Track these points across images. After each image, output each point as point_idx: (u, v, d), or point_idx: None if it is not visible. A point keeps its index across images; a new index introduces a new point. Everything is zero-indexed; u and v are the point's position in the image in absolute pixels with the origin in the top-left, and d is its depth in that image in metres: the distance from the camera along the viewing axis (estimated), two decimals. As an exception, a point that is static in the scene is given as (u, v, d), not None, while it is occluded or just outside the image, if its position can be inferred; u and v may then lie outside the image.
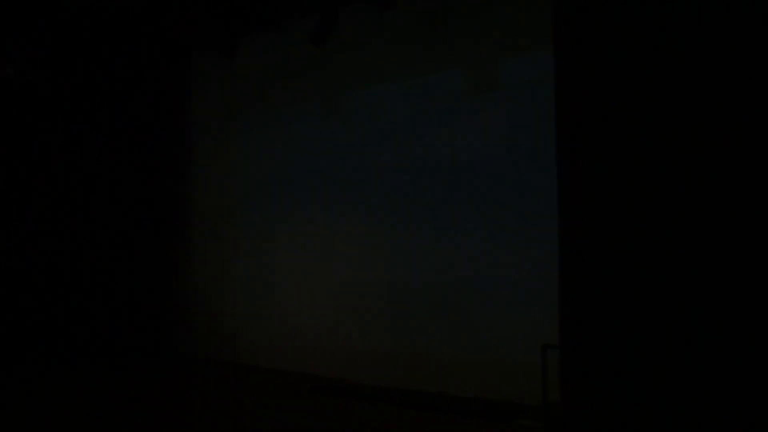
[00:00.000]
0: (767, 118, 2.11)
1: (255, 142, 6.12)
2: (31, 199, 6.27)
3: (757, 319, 2.10)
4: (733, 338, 2.14)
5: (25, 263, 6.19)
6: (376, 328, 5.03)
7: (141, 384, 5.31)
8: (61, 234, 6.44)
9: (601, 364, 2.41)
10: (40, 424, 4.07)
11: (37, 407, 4.55)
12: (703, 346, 2.19)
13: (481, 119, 4.52)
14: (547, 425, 3.68)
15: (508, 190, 4.37)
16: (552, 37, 2.57)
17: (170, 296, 6.73)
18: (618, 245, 2.35)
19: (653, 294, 2.28)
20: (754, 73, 2.14)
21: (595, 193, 2.40)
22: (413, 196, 4.86)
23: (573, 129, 2.46)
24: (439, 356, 4.62)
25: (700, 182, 2.21)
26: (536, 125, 4.18)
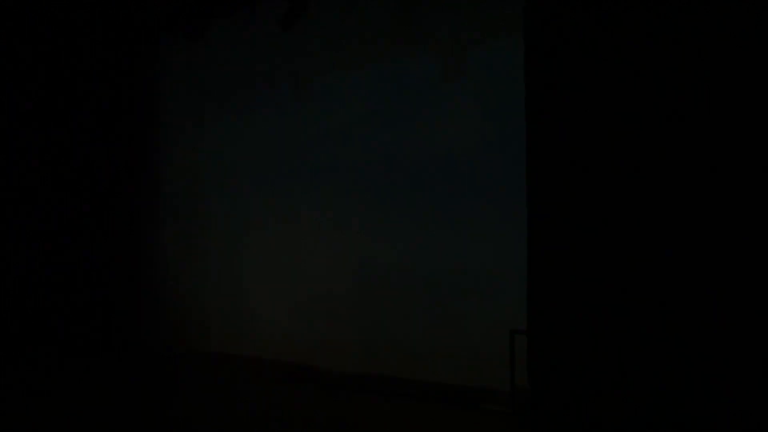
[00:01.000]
0: (739, 116, 2.15)
1: (225, 128, 6.01)
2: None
3: (719, 308, 2.16)
4: (697, 326, 2.20)
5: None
6: (347, 316, 5.03)
7: (109, 377, 5.22)
8: (21, 224, 6.24)
9: (567, 350, 2.46)
10: (8, 427, 3.97)
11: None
12: (667, 333, 2.24)
13: (454, 107, 4.53)
14: (514, 410, 3.75)
15: (480, 179, 4.39)
16: (522, 25, 2.57)
17: (138, 287, 6.61)
18: (584, 235, 2.38)
19: (618, 282, 2.33)
20: (728, 67, 2.18)
21: (562, 186, 2.43)
22: (386, 184, 4.85)
23: (542, 119, 2.48)
24: (409, 343, 4.65)
25: (665, 175, 2.25)
26: (509, 113, 4.21)
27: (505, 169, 4.22)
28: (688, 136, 2.21)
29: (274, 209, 5.58)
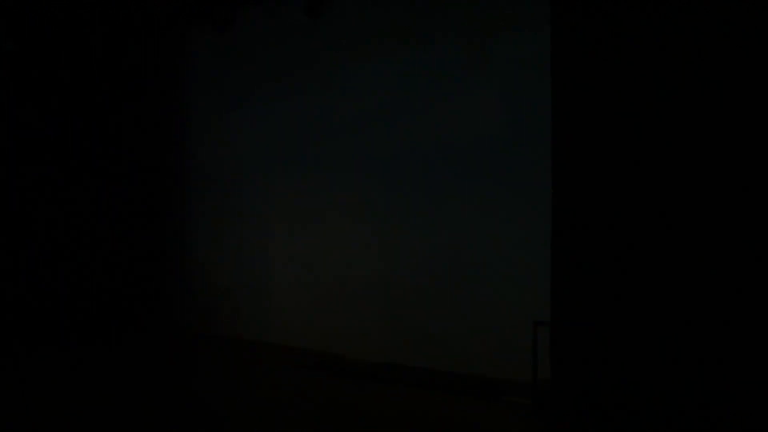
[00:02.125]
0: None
1: (251, 117, 6.07)
2: (24, 174, 6.21)
3: (732, 302, 2.14)
4: (717, 321, 2.18)
5: (21, 238, 6.16)
6: (368, 303, 5.06)
7: (136, 359, 5.34)
8: (57, 210, 6.40)
9: (591, 342, 2.45)
10: (38, 405, 4.08)
11: (34, 388, 4.56)
12: (695, 327, 2.22)
13: (477, 95, 4.50)
14: (536, 402, 3.74)
15: (502, 168, 4.36)
16: (550, 13, 2.55)
17: (168, 271, 6.74)
18: (609, 227, 2.37)
19: (643, 275, 2.31)
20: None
21: (588, 176, 2.41)
22: (408, 173, 4.85)
23: (568, 111, 2.46)
24: (431, 332, 4.66)
25: (694, 178, 2.22)
26: (533, 102, 4.17)
27: (529, 158, 4.18)
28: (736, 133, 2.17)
29: (298, 197, 5.63)
